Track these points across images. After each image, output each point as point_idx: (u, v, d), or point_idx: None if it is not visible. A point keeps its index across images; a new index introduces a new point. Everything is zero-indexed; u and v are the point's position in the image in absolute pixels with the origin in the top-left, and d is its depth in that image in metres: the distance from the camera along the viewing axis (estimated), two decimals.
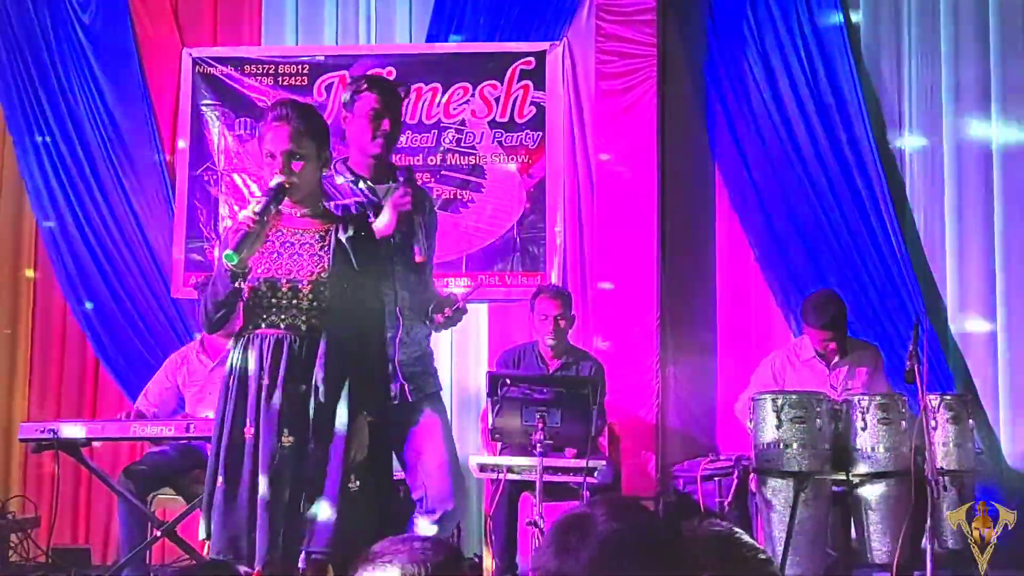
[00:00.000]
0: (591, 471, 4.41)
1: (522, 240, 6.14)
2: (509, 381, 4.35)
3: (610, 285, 6.03)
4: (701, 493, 5.22)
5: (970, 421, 4.72)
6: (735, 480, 5.10)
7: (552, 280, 5.98)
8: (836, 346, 5.19)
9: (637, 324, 5.98)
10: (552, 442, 4.27)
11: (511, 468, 4.55)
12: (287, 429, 3.13)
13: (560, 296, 5.42)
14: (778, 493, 4.53)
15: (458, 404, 6.02)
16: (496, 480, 4.63)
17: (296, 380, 3.16)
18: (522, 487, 4.85)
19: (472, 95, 6.21)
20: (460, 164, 6.20)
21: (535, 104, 6.17)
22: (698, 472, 5.28)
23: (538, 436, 4.18)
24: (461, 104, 6.21)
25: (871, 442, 4.55)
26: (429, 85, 6.15)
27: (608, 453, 5.37)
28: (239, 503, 3.13)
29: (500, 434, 4.48)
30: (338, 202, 3.54)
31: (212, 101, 6.34)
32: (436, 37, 6.33)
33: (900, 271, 5.91)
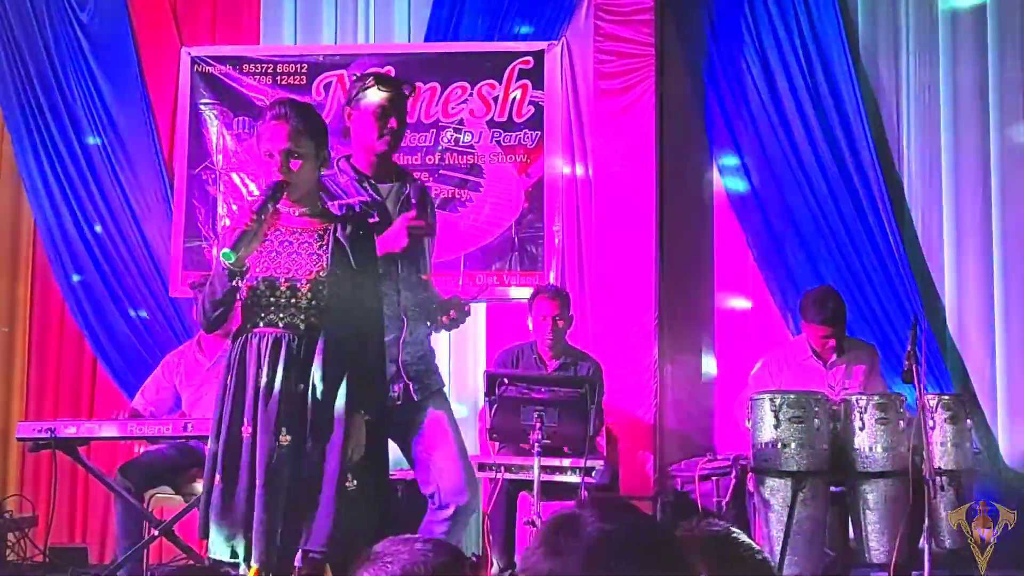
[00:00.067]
0: (589, 471, 4.41)
1: (520, 240, 6.13)
2: (507, 380, 4.35)
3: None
4: (699, 493, 5.22)
5: (968, 421, 4.71)
6: (733, 480, 5.10)
7: (550, 279, 5.98)
8: (835, 343, 5.18)
9: (635, 324, 5.98)
10: (550, 442, 4.27)
11: (509, 467, 4.55)
12: (285, 428, 3.13)
13: (559, 296, 5.42)
14: (776, 493, 4.53)
15: (456, 403, 6.00)
16: (494, 479, 4.63)
17: (294, 379, 3.16)
18: (520, 486, 4.84)
19: (470, 94, 6.20)
20: (458, 163, 6.19)
21: (533, 104, 6.17)
22: (696, 472, 5.28)
23: (536, 436, 4.18)
24: (459, 103, 6.21)
25: (869, 442, 4.55)
26: (427, 84, 6.15)
27: (606, 453, 5.37)
28: (237, 502, 3.13)
29: (498, 433, 4.48)
30: (342, 201, 3.54)
31: (210, 100, 6.34)
32: (435, 36, 6.33)
33: (898, 271, 5.91)
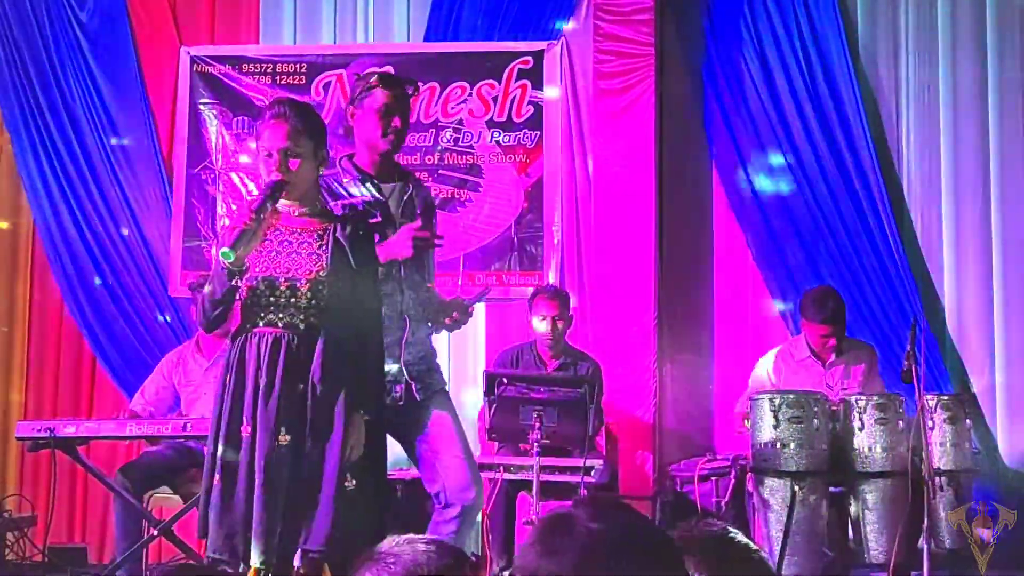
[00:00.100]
0: (588, 471, 4.41)
1: (520, 239, 6.13)
2: (506, 380, 4.35)
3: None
4: (698, 493, 5.21)
5: (967, 421, 4.71)
6: (732, 480, 5.09)
7: (550, 279, 5.98)
8: (835, 342, 5.18)
9: (634, 324, 5.97)
10: (549, 442, 4.26)
11: (508, 467, 4.55)
12: (284, 428, 3.13)
13: (558, 296, 5.42)
14: (775, 493, 4.53)
15: (455, 403, 5.99)
16: (493, 479, 4.63)
17: (294, 379, 3.16)
18: (519, 486, 4.84)
19: (470, 94, 6.20)
20: (458, 163, 6.19)
21: (533, 103, 6.17)
22: (695, 472, 5.27)
23: (535, 435, 4.18)
24: (459, 103, 6.21)
25: (868, 442, 4.55)
26: (427, 84, 6.14)
27: (605, 453, 5.37)
28: (236, 502, 3.13)
29: (497, 433, 4.48)
30: (345, 200, 3.54)
31: (210, 100, 6.33)
32: (434, 36, 6.32)
33: (898, 271, 5.91)
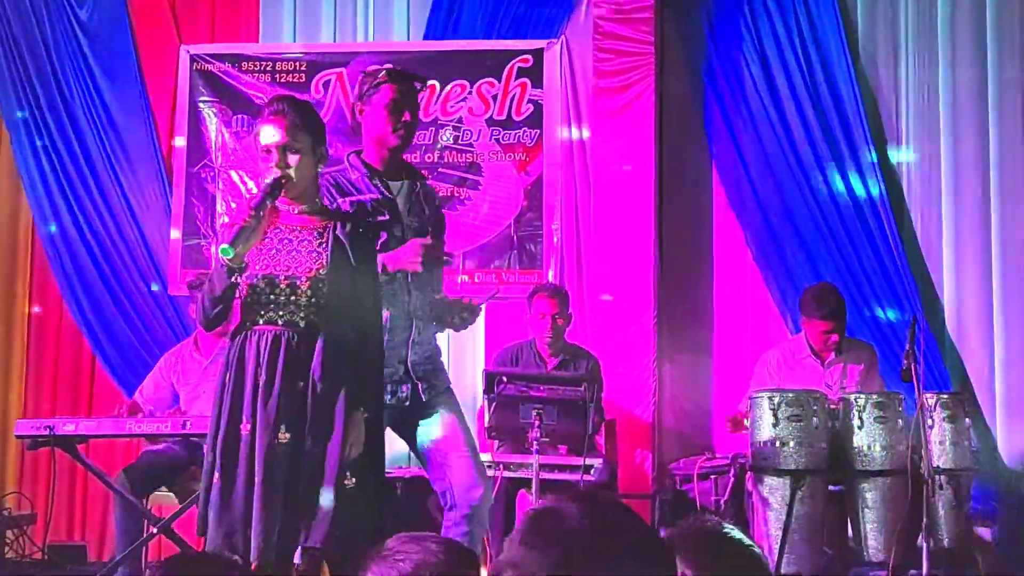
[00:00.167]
0: (587, 469, 4.41)
1: (519, 238, 6.13)
2: (506, 379, 4.35)
3: (610, 297, 6.01)
4: (697, 491, 5.21)
5: (966, 420, 4.71)
6: (731, 478, 5.09)
7: (549, 278, 5.98)
8: (836, 339, 5.17)
9: (634, 322, 5.97)
10: (549, 440, 4.27)
11: (508, 465, 4.55)
12: (284, 426, 3.13)
13: (557, 295, 5.42)
14: (774, 491, 4.53)
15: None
16: (493, 477, 4.62)
17: (293, 377, 3.16)
18: (519, 484, 4.84)
19: (470, 93, 6.20)
20: (457, 162, 6.19)
21: (533, 102, 6.17)
22: (694, 470, 5.27)
23: (535, 434, 4.18)
24: (459, 102, 6.21)
25: (867, 440, 4.55)
26: (427, 83, 6.13)
27: (604, 451, 5.37)
28: (235, 499, 3.13)
29: (497, 432, 4.48)
30: (354, 198, 3.54)
31: (209, 98, 6.34)
32: (434, 34, 6.32)
33: (897, 270, 5.91)
